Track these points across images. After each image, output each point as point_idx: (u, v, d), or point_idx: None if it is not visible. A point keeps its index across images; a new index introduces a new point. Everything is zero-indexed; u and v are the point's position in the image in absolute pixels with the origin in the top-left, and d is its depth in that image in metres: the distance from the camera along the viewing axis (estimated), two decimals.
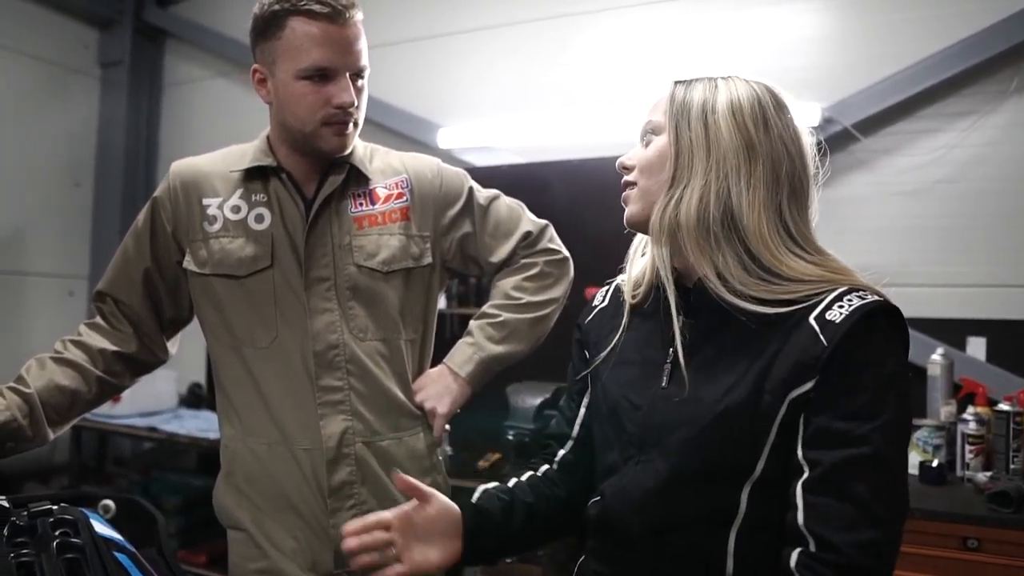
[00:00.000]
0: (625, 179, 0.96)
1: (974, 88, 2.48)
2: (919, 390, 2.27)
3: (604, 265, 1.67)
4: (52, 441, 1.26)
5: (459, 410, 1.36)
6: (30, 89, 3.64)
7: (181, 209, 1.30)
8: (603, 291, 1.10)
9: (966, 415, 2.14)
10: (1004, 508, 1.82)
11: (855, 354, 0.79)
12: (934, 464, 2.07)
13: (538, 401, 2.24)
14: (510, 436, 2.20)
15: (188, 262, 1.29)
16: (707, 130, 0.87)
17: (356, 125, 1.26)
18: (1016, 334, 2.38)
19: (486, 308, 1.40)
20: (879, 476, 0.78)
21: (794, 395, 0.81)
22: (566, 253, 1.45)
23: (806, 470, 0.80)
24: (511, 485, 1.02)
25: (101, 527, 0.95)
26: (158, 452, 3.63)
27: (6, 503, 0.97)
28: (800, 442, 0.81)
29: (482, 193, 1.41)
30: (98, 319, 1.34)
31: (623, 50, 2.96)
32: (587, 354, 1.05)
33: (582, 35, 3.04)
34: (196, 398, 3.52)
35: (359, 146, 1.33)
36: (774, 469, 0.82)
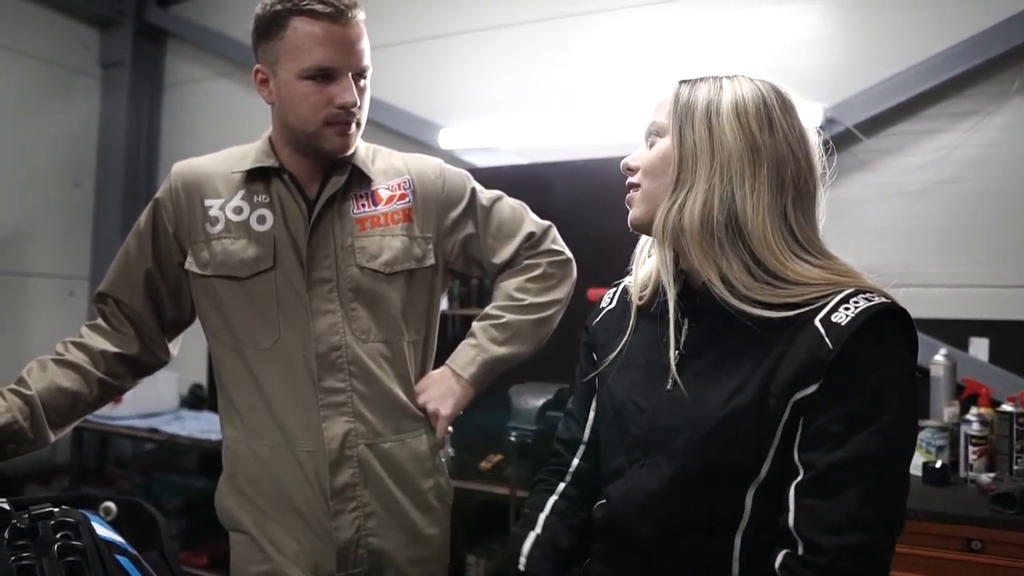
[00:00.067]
0: (629, 181, 0.96)
1: (976, 89, 2.47)
2: (922, 391, 2.27)
3: (606, 266, 1.67)
4: (53, 443, 1.26)
5: (462, 412, 1.35)
6: (31, 89, 3.64)
7: (183, 210, 1.30)
8: (610, 293, 1.09)
9: (969, 416, 2.13)
10: (1008, 509, 1.81)
11: (859, 357, 0.78)
12: (937, 465, 2.06)
13: (541, 402, 2.23)
14: (512, 437, 2.19)
15: (190, 263, 1.29)
16: (711, 133, 0.86)
17: (359, 125, 1.26)
18: (1019, 335, 2.38)
19: (489, 309, 1.39)
20: (873, 480, 0.77)
21: (798, 397, 0.80)
22: (569, 254, 1.45)
23: (800, 472, 0.80)
24: (543, 524, 1.01)
25: (102, 530, 0.95)
26: (159, 453, 3.63)
27: (7, 505, 0.96)
28: (796, 444, 0.81)
29: (485, 194, 1.41)
30: (99, 320, 1.34)
31: (624, 50, 2.95)
32: (595, 356, 1.04)
33: (583, 35, 3.03)
34: (197, 399, 3.52)
35: (361, 147, 1.33)
36: (779, 471, 0.82)
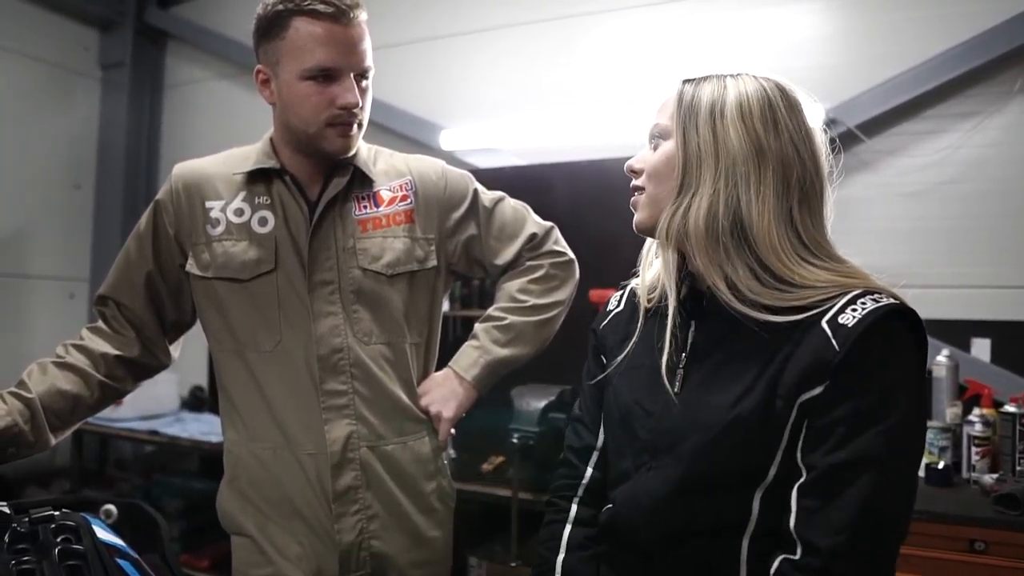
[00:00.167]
0: (633, 184, 0.95)
1: (978, 89, 2.47)
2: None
3: (607, 267, 1.66)
4: (53, 446, 1.25)
5: (464, 414, 1.35)
6: (31, 90, 3.63)
7: (184, 212, 1.29)
8: (617, 295, 1.08)
9: (972, 417, 2.13)
10: (1011, 510, 1.81)
11: (866, 358, 0.78)
12: (940, 466, 2.06)
13: (543, 404, 2.22)
14: (514, 439, 2.18)
15: (191, 265, 1.28)
16: (715, 136, 0.85)
17: (360, 126, 1.25)
18: (1021, 335, 2.38)
19: (491, 311, 1.39)
20: (875, 481, 0.76)
21: (804, 399, 0.80)
22: (572, 255, 1.44)
23: (803, 473, 0.80)
24: (561, 571, 0.99)
25: (103, 533, 0.95)
26: (160, 455, 3.63)
27: (7, 509, 0.96)
28: (800, 445, 0.80)
29: (487, 195, 1.40)
30: (100, 323, 1.33)
31: (626, 51, 2.95)
32: (604, 360, 1.03)
33: (585, 36, 3.03)
34: (198, 401, 3.51)
35: (363, 148, 1.32)
36: (786, 474, 0.81)
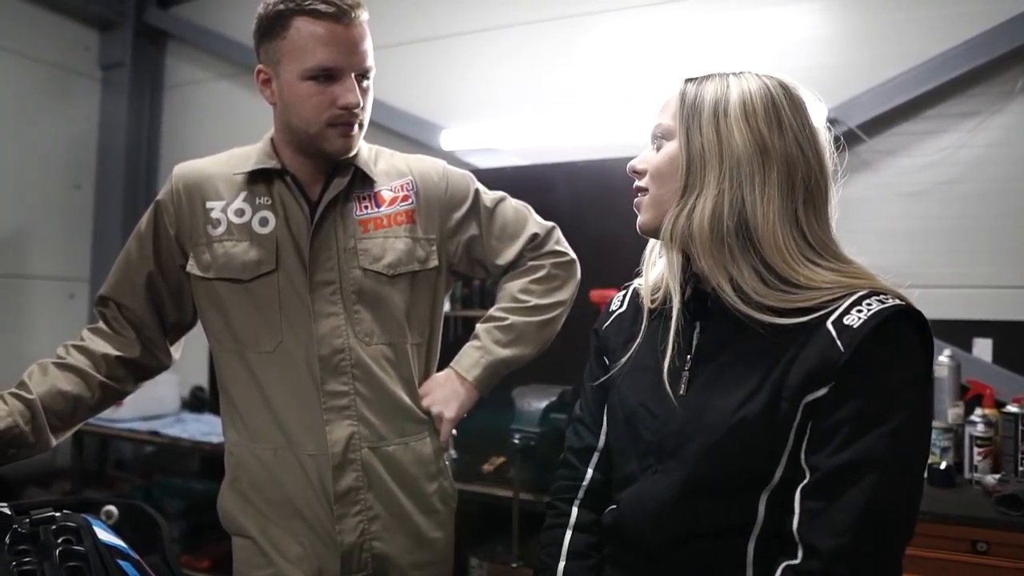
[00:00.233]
0: (636, 184, 0.94)
1: (979, 89, 2.47)
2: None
3: (608, 267, 1.66)
4: (54, 447, 1.25)
5: (466, 415, 1.34)
6: (30, 91, 3.63)
7: (184, 212, 1.29)
8: (620, 295, 1.07)
9: (974, 417, 2.13)
10: (1013, 511, 1.80)
11: (871, 360, 0.77)
12: (942, 466, 2.05)
13: (544, 404, 2.22)
14: (515, 440, 2.17)
15: (191, 266, 1.28)
16: (719, 136, 0.85)
17: (361, 126, 1.25)
18: (1022, 335, 2.37)
19: (493, 311, 1.39)
20: (878, 483, 0.75)
21: (809, 400, 0.79)
22: (573, 255, 1.44)
23: (807, 475, 0.79)
24: (563, 571, 0.98)
25: (104, 534, 0.94)
26: (160, 456, 3.62)
27: (8, 510, 0.96)
28: (804, 446, 0.80)
29: (488, 195, 1.40)
30: (101, 324, 1.33)
31: (626, 51, 2.95)
32: (606, 361, 1.03)
33: (585, 36, 3.03)
34: (198, 401, 3.51)
35: (364, 148, 1.32)
36: (792, 476, 0.81)
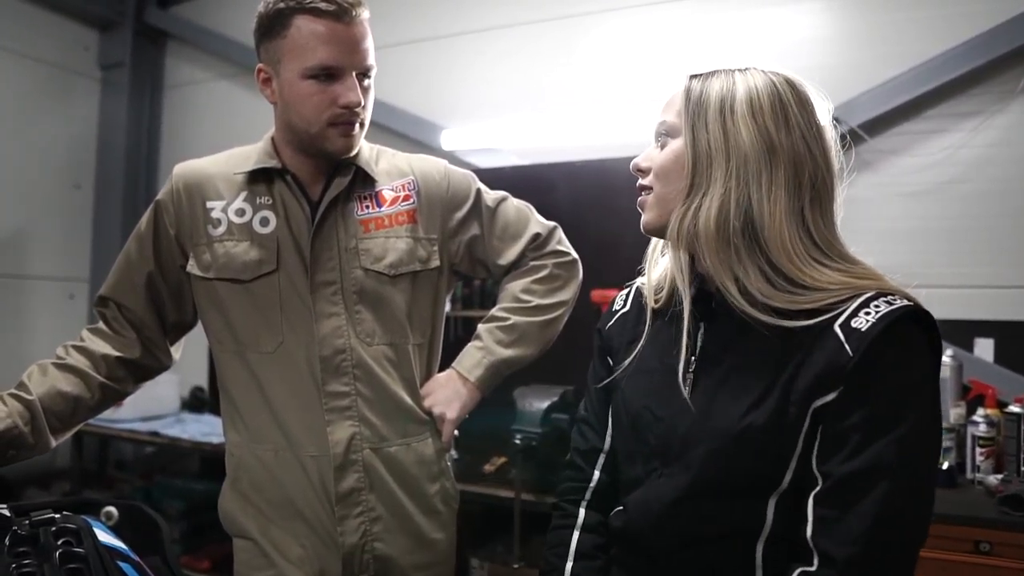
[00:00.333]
0: (640, 183, 0.92)
1: (980, 88, 2.46)
2: None
3: (608, 267, 1.65)
4: (54, 448, 1.24)
5: (467, 415, 1.34)
6: (30, 91, 3.63)
7: (184, 212, 1.28)
8: (623, 295, 1.06)
9: (976, 417, 2.12)
10: (1016, 511, 1.80)
11: (880, 363, 0.76)
12: (944, 467, 2.05)
13: (545, 404, 2.21)
14: (517, 440, 2.17)
15: (192, 266, 1.27)
16: (726, 134, 0.83)
17: (362, 126, 1.24)
18: (1023, 335, 2.37)
19: (495, 311, 1.38)
20: (891, 489, 0.74)
21: (818, 405, 0.78)
22: (575, 255, 1.43)
23: (819, 481, 0.78)
24: (571, 571, 0.97)
25: (104, 536, 0.94)
26: (160, 456, 3.62)
27: (7, 512, 0.95)
28: (815, 452, 0.79)
29: (490, 195, 1.40)
30: (100, 324, 1.32)
31: (627, 51, 2.94)
32: (610, 362, 1.01)
33: (586, 36, 3.02)
34: (198, 402, 3.50)
35: (365, 147, 1.31)
36: (801, 480, 0.80)
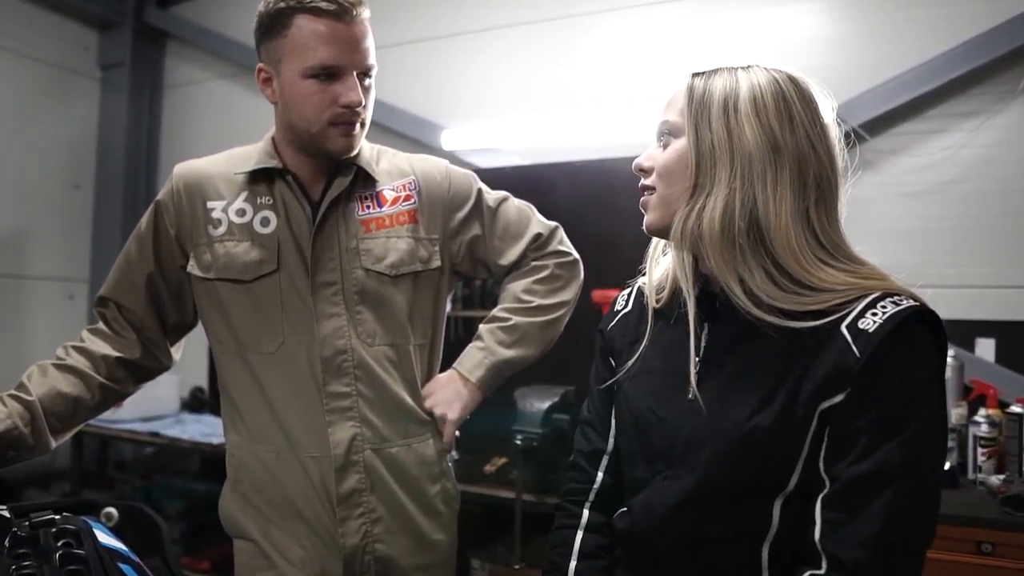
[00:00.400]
0: (643, 183, 0.91)
1: (981, 88, 2.46)
2: None
3: (608, 267, 1.65)
4: (54, 448, 1.24)
5: (469, 416, 1.34)
6: (30, 91, 3.62)
7: (185, 212, 1.28)
8: (624, 295, 1.05)
9: (977, 417, 2.12)
10: (1018, 512, 1.80)
11: (888, 365, 0.76)
12: (946, 467, 2.05)
13: (546, 405, 2.21)
14: (518, 440, 2.16)
15: (192, 266, 1.27)
16: (729, 133, 0.82)
17: (363, 125, 1.24)
18: None
19: (496, 312, 1.38)
20: (899, 492, 0.74)
21: (824, 407, 0.78)
22: (576, 255, 1.43)
23: (826, 484, 0.78)
24: (575, 570, 0.96)
25: (104, 537, 0.93)
26: (160, 457, 3.62)
27: (7, 513, 0.95)
28: (822, 455, 0.79)
29: (491, 195, 1.39)
30: (101, 324, 1.32)
31: (627, 51, 2.94)
32: (612, 362, 1.01)
33: (586, 36, 3.02)
34: (198, 402, 3.50)
35: (366, 147, 1.31)
36: (808, 482, 0.79)
